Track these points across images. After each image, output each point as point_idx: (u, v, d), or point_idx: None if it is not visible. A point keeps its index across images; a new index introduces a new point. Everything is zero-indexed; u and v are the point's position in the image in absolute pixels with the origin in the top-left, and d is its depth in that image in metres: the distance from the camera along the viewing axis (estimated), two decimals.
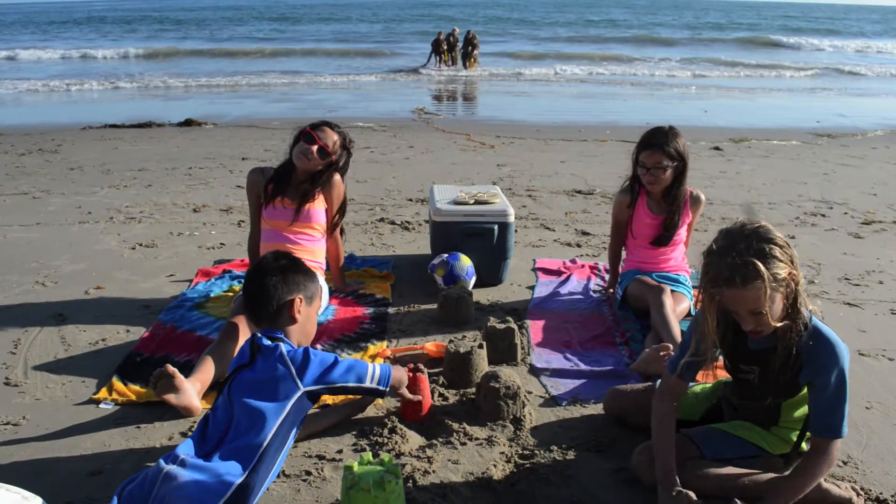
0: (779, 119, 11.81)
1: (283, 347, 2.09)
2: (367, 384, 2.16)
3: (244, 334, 2.88)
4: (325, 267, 3.60)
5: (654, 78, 19.17)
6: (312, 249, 3.48)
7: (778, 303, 1.98)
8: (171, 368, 2.44)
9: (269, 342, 2.11)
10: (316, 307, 2.33)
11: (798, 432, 2.18)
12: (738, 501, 2.00)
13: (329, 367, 2.10)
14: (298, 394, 2.03)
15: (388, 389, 2.25)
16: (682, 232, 3.58)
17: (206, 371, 2.67)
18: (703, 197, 3.60)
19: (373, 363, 2.23)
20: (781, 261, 1.94)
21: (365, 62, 21.83)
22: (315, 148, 3.39)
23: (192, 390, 2.52)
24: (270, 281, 2.18)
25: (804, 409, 2.16)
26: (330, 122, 3.52)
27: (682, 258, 3.67)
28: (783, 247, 1.96)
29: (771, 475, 2.14)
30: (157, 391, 2.45)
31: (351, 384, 2.13)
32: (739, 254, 1.92)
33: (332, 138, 3.45)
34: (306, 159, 3.39)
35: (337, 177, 3.54)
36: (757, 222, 2.00)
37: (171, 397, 2.45)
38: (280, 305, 2.18)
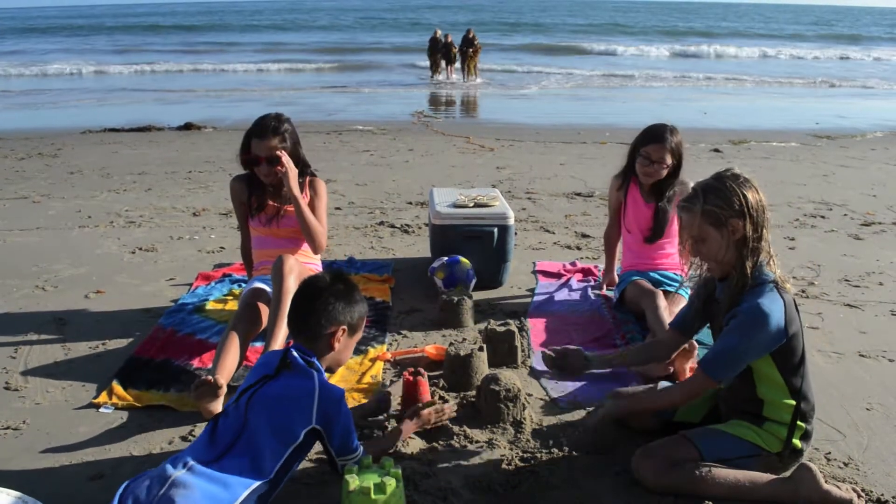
0: (778, 120, 11.83)
1: (318, 380, 2.06)
2: (341, 461, 2.10)
3: (253, 321, 2.93)
4: (321, 268, 3.57)
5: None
6: (307, 252, 3.45)
7: (714, 241, 2.15)
8: (220, 381, 2.43)
9: (303, 364, 2.08)
10: (357, 337, 2.27)
11: (787, 428, 2.18)
12: None
13: (342, 427, 2.07)
14: (308, 428, 2.02)
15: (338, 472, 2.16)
16: (676, 223, 3.60)
17: (230, 370, 2.66)
18: (691, 184, 3.60)
19: (360, 449, 2.15)
20: (727, 205, 2.10)
21: (359, 77, 19.69)
22: (264, 166, 3.22)
23: (222, 398, 2.50)
24: (321, 304, 2.13)
25: (787, 400, 2.18)
26: (253, 130, 3.25)
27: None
28: (738, 196, 2.10)
29: (770, 476, 2.15)
30: (197, 396, 2.43)
31: (333, 450, 2.09)
32: (699, 184, 2.20)
33: (270, 144, 3.19)
34: (271, 176, 3.24)
35: (319, 182, 3.42)
36: (740, 173, 2.17)
37: (205, 403, 2.45)
38: (323, 331, 2.14)
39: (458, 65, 19.03)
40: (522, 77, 19.84)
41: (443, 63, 19.19)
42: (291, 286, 2.81)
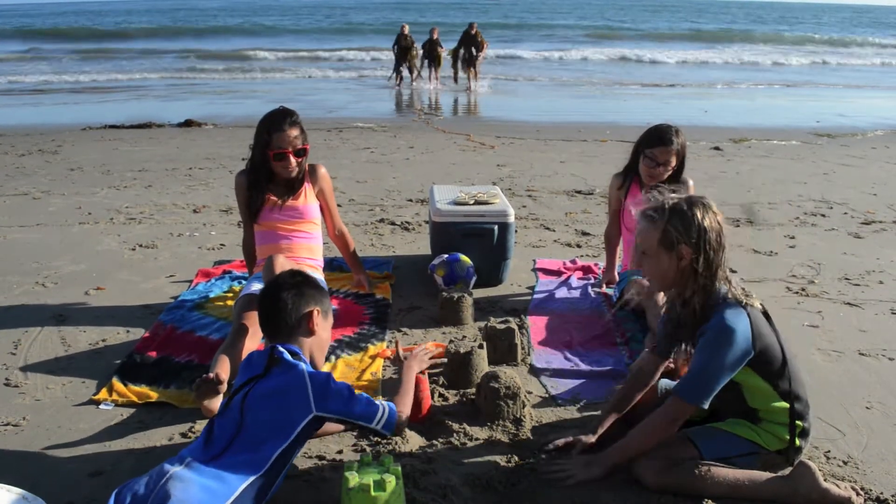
0: (779, 119, 11.81)
1: (305, 367, 2.08)
2: (373, 425, 2.12)
3: (253, 334, 2.89)
4: (323, 265, 3.58)
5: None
6: (310, 247, 3.45)
7: (661, 260, 2.14)
8: (222, 376, 2.44)
9: (290, 357, 2.11)
10: (331, 323, 2.33)
11: (787, 428, 2.18)
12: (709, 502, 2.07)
13: (345, 400, 2.08)
14: (310, 417, 2.03)
15: (389, 434, 2.20)
16: None
17: (227, 372, 2.66)
18: (690, 182, 3.60)
19: (383, 404, 2.16)
20: (685, 232, 2.10)
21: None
22: (289, 158, 3.25)
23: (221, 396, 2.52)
24: (288, 294, 2.19)
25: (779, 403, 2.17)
26: (271, 124, 3.25)
27: None
28: (699, 227, 2.09)
29: (769, 474, 2.15)
30: (199, 395, 2.44)
31: (359, 422, 2.11)
32: (671, 199, 2.16)
33: (292, 135, 3.24)
34: (293, 169, 3.29)
35: (322, 168, 3.50)
36: (711, 204, 2.15)
37: (207, 401, 2.46)
38: (298, 318, 2.19)
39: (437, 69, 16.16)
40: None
41: (419, 66, 16.15)
42: None
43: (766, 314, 2.20)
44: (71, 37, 29.37)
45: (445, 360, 2.88)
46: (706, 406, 2.10)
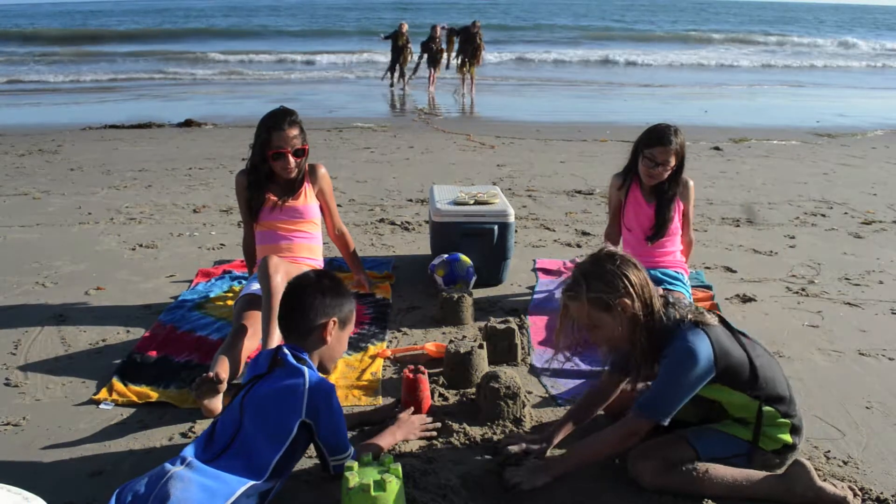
0: (779, 119, 11.81)
1: (307, 372, 2.07)
2: (332, 459, 2.10)
3: (252, 335, 2.89)
4: (323, 265, 3.58)
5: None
6: (310, 247, 3.45)
7: (607, 325, 2.11)
8: (221, 375, 2.45)
9: (294, 361, 2.09)
10: (348, 331, 2.29)
11: (780, 428, 2.20)
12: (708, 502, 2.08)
13: (335, 422, 2.07)
14: (298, 421, 2.02)
15: (332, 473, 2.14)
16: (677, 221, 3.59)
17: (227, 372, 2.66)
18: (690, 182, 3.60)
19: (351, 449, 2.14)
20: (611, 289, 2.07)
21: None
22: (287, 158, 3.25)
23: (221, 395, 2.53)
24: (309, 299, 2.16)
25: (764, 407, 2.17)
26: (272, 123, 3.24)
27: (680, 254, 3.68)
28: (620, 278, 2.07)
29: (765, 473, 2.16)
30: (199, 394, 2.45)
31: (327, 450, 2.09)
32: (579, 269, 2.15)
33: (291, 134, 3.24)
34: (291, 169, 3.29)
35: (322, 168, 3.50)
36: (615, 252, 2.15)
37: (207, 401, 2.47)
38: (314, 325, 2.16)
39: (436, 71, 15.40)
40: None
41: (410, 66, 15.82)
42: (279, 284, 2.78)
43: (725, 323, 2.21)
44: (56, 38, 29.11)
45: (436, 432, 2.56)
46: (666, 423, 2.11)
